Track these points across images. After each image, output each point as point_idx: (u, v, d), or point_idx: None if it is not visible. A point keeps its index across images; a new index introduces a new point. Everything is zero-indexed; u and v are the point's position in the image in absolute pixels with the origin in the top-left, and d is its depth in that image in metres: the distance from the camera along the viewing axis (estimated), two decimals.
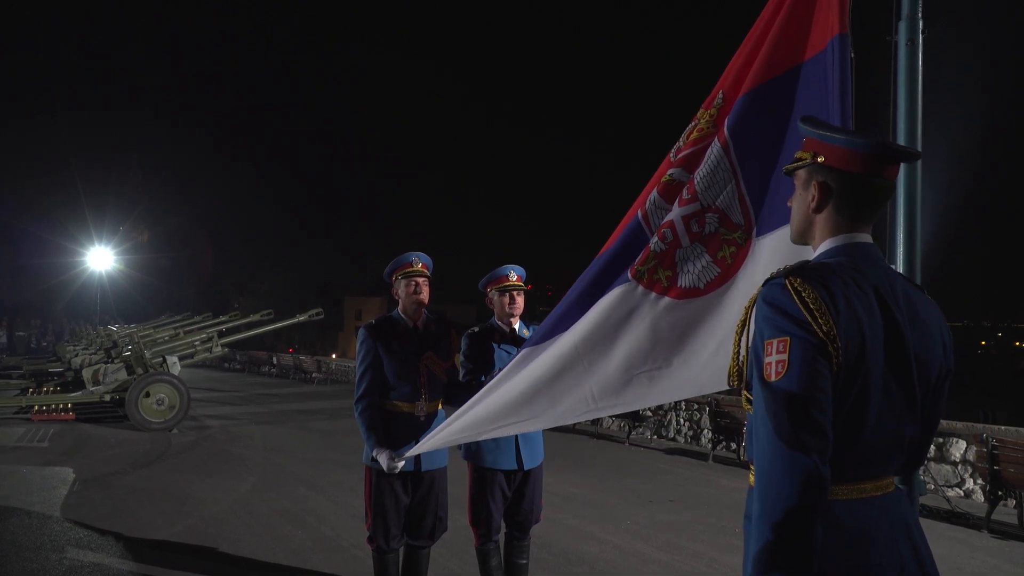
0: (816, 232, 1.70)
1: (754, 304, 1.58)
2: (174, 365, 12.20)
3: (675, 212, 2.56)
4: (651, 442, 10.85)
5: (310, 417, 13.14)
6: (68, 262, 33.28)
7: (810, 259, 1.66)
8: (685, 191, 2.56)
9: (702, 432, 10.52)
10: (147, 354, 12.01)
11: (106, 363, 12.48)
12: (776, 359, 1.47)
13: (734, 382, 1.72)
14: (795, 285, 1.50)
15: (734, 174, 2.49)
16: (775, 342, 1.48)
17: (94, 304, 31.35)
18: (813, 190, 1.67)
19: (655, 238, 2.58)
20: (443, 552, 4.78)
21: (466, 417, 3.00)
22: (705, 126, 2.62)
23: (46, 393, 12.15)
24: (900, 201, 2.42)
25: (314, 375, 20.83)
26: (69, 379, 13.52)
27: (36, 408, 11.56)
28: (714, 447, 9.71)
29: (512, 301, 3.85)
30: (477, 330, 3.90)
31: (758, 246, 2.48)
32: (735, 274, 2.52)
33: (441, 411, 3.73)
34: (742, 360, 1.68)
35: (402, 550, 3.79)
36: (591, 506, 6.80)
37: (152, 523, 5.91)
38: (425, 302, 3.74)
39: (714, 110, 2.61)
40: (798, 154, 1.72)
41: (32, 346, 28.42)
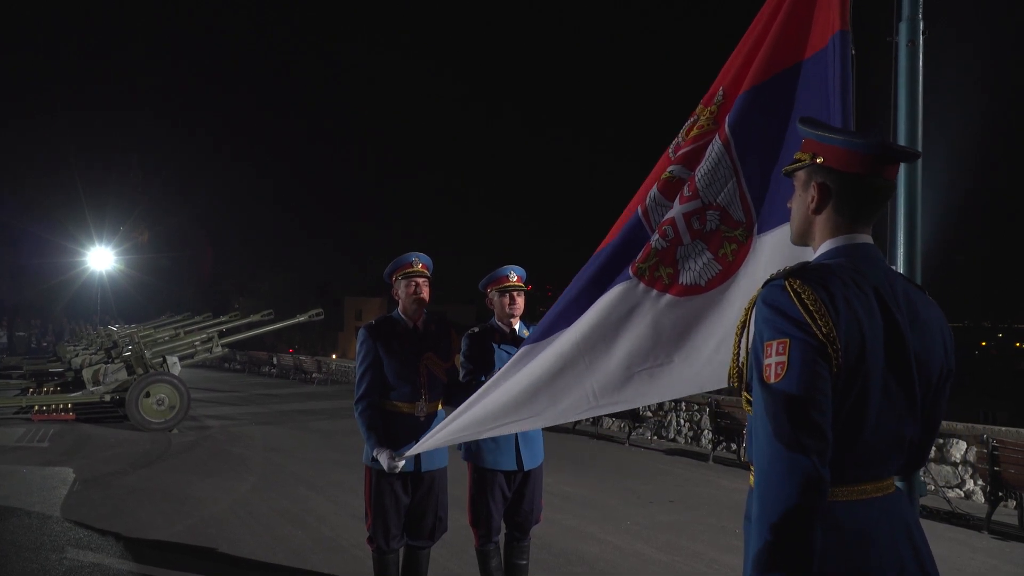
0: (816, 233, 1.70)
1: (754, 305, 1.58)
2: (174, 365, 12.21)
3: (676, 209, 2.56)
4: (651, 443, 10.85)
5: (310, 417, 13.14)
6: (68, 262, 33.29)
7: (810, 260, 1.66)
8: (686, 188, 2.56)
9: (702, 433, 10.52)
10: (147, 354, 12.01)
11: (106, 363, 12.49)
12: (776, 361, 1.47)
13: (734, 383, 1.71)
14: (795, 287, 1.49)
15: (735, 171, 2.49)
16: (775, 344, 1.48)
17: (94, 304, 31.38)
18: (812, 191, 1.67)
19: (656, 235, 2.58)
20: (443, 552, 4.78)
21: (466, 416, 2.99)
22: (705, 123, 2.61)
23: (46, 393, 12.15)
24: (900, 201, 2.42)
25: (314, 375, 20.84)
26: (69, 379, 13.52)
27: (36, 408, 11.56)
28: (714, 448, 9.72)
29: (512, 302, 3.85)
30: (477, 330, 3.90)
31: (759, 243, 2.48)
32: (736, 271, 2.52)
33: (441, 411, 3.72)
34: (742, 361, 1.67)
35: (402, 550, 3.79)
36: (591, 507, 6.79)
37: (152, 523, 5.91)
38: (425, 302, 3.74)
39: (714, 107, 2.61)
40: (797, 155, 1.72)
41: (32, 346, 28.42)
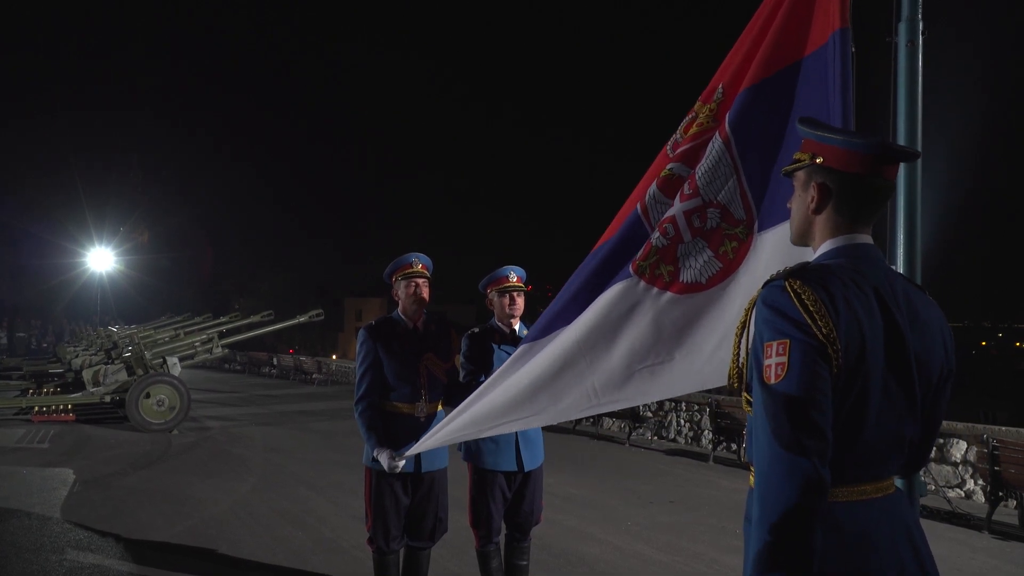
0: (816, 233, 1.69)
1: (754, 306, 1.58)
2: (174, 366, 12.21)
3: (676, 207, 2.56)
4: (651, 443, 10.85)
5: (310, 418, 13.14)
6: (68, 263, 33.26)
7: (810, 260, 1.66)
8: (686, 186, 2.56)
9: (703, 433, 10.52)
10: (147, 355, 12.01)
11: (106, 364, 12.48)
12: (776, 361, 1.46)
13: (734, 384, 1.71)
14: (795, 287, 1.49)
15: (736, 169, 2.49)
16: (775, 344, 1.48)
17: (94, 305, 31.36)
18: (812, 191, 1.66)
19: (656, 233, 2.58)
20: (443, 553, 4.77)
21: (467, 415, 2.99)
22: (705, 120, 2.61)
23: (46, 394, 12.15)
24: (900, 201, 2.42)
25: (314, 376, 20.84)
26: (69, 380, 13.50)
27: (36, 409, 11.56)
28: (715, 448, 9.71)
29: (512, 302, 3.85)
30: (477, 331, 3.90)
31: (760, 241, 2.49)
32: (737, 269, 2.52)
33: (441, 412, 3.72)
34: (742, 362, 1.67)
35: (402, 551, 3.79)
36: (591, 507, 6.79)
37: (152, 524, 5.91)
38: (425, 303, 3.74)
39: (714, 104, 2.61)
40: (796, 155, 1.71)
41: (32, 347, 28.46)
